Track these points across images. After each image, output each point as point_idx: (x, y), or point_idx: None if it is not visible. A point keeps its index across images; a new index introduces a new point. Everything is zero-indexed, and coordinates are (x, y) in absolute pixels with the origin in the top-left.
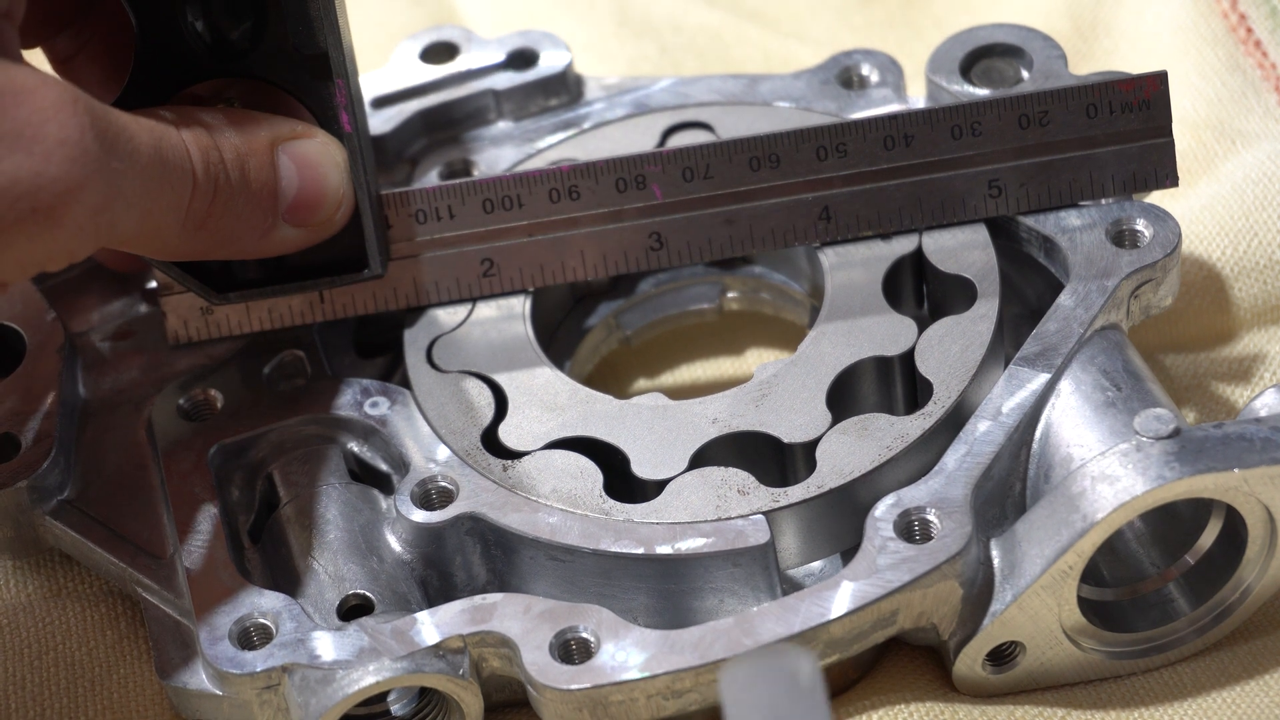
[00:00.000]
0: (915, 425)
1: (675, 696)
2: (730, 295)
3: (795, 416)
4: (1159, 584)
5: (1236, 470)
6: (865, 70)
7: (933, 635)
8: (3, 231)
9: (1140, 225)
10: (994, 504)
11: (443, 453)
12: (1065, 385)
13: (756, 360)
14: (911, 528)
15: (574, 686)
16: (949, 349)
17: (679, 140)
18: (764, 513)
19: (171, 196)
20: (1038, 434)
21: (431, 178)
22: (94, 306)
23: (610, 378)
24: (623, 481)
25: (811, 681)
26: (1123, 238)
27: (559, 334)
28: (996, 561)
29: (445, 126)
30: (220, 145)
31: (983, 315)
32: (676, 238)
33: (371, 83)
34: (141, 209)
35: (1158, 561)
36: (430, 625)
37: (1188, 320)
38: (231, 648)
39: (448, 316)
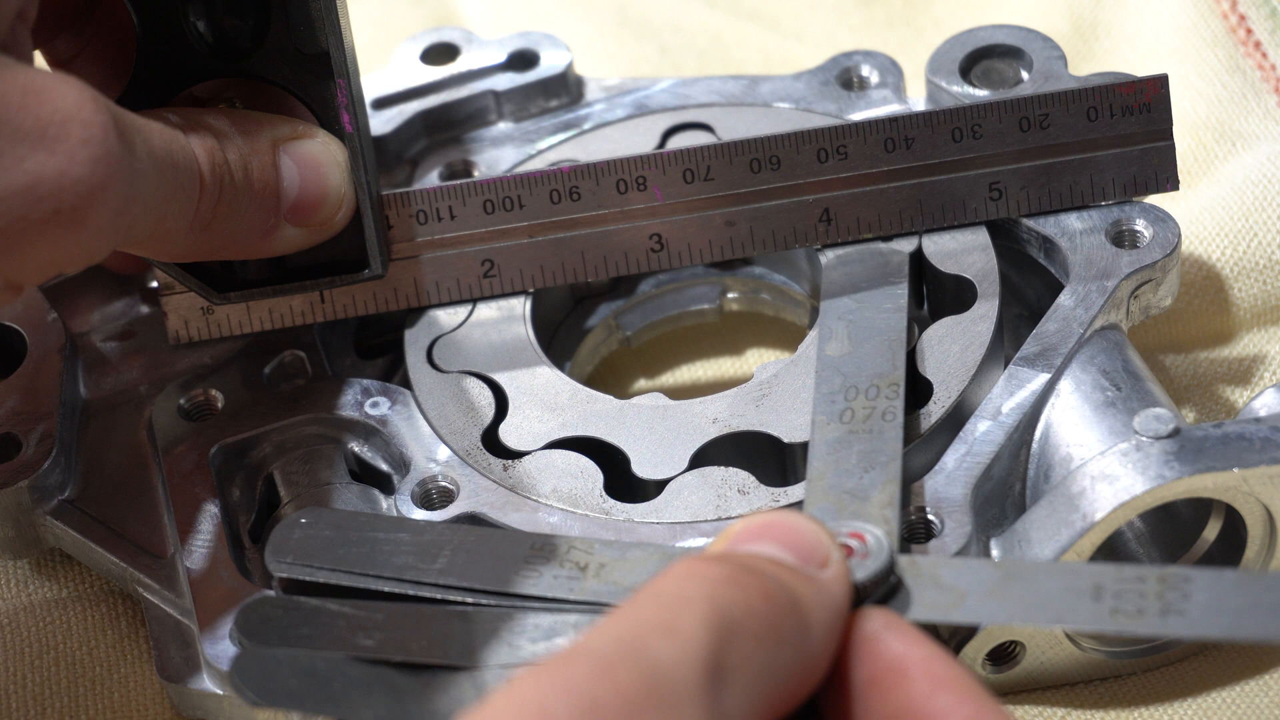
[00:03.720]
0: (915, 425)
1: None
2: (730, 296)
3: (795, 416)
4: None
5: (1236, 470)
6: (865, 71)
7: (933, 635)
8: (26, 232)
9: (1140, 226)
10: (994, 504)
11: (443, 453)
12: (1065, 385)
13: (756, 360)
14: (912, 528)
15: None
16: (949, 349)
17: (679, 141)
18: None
19: (182, 198)
20: (1037, 434)
21: (432, 178)
22: (95, 307)
23: (610, 378)
24: (623, 481)
25: (899, 262)
26: (1122, 238)
27: (559, 334)
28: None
29: (446, 127)
30: (224, 146)
31: (983, 315)
32: (677, 239)
33: (372, 84)
34: (157, 211)
35: (1158, 561)
36: None
37: (1188, 320)
38: (232, 647)
39: (448, 317)
